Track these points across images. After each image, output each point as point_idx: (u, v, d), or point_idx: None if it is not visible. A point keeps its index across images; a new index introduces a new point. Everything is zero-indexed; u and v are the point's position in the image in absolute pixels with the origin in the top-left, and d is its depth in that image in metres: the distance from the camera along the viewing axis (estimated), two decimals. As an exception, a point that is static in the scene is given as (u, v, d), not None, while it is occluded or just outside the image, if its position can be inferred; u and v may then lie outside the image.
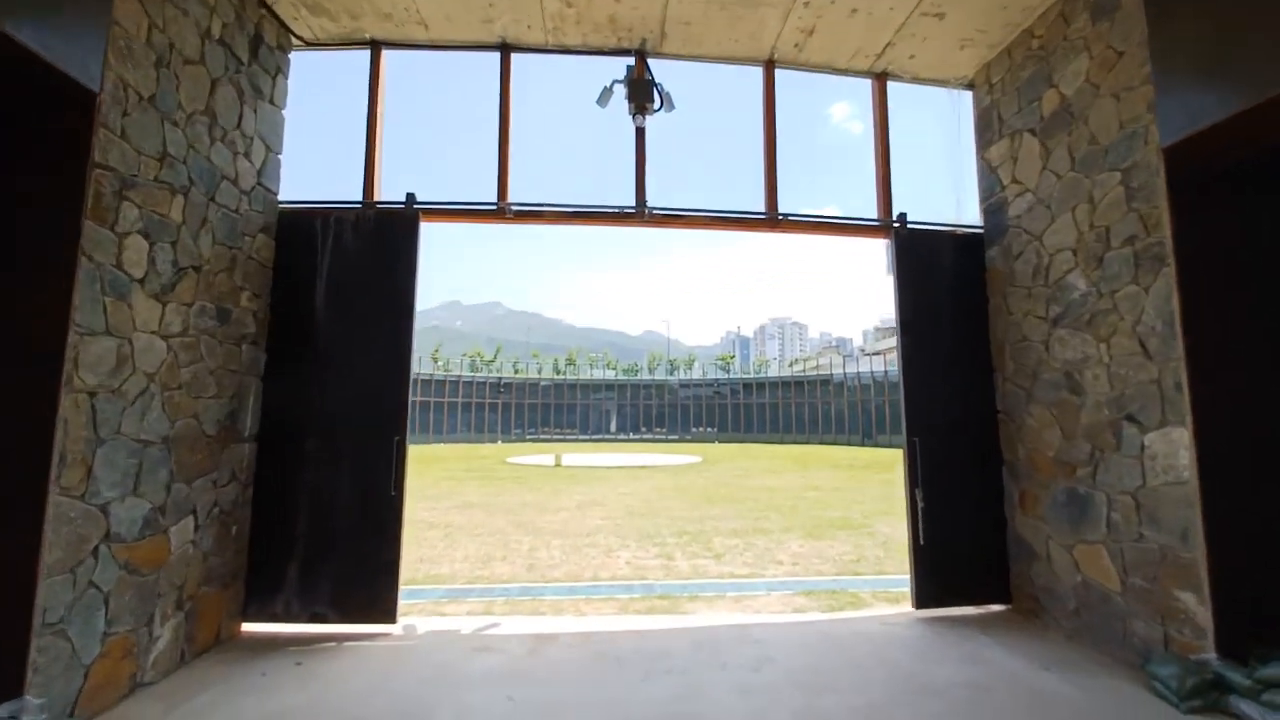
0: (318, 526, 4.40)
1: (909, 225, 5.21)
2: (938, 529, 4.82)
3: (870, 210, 5.27)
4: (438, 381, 44.65)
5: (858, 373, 42.14)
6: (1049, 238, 4.53)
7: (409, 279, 4.71)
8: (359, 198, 4.87)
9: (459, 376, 46.01)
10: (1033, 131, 4.75)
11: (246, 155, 4.34)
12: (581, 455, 28.22)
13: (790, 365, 63.39)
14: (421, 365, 45.42)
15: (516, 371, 52.47)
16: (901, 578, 6.25)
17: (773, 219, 5.11)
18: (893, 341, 51.90)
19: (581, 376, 51.65)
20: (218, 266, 4.03)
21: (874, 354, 48.01)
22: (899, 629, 4.48)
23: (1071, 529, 4.27)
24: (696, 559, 7.20)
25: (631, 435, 48.22)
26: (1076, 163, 4.32)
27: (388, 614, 4.35)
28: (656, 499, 12.72)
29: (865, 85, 5.46)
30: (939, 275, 5.19)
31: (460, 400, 45.17)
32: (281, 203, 4.76)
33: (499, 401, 46.76)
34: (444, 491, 13.85)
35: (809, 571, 6.58)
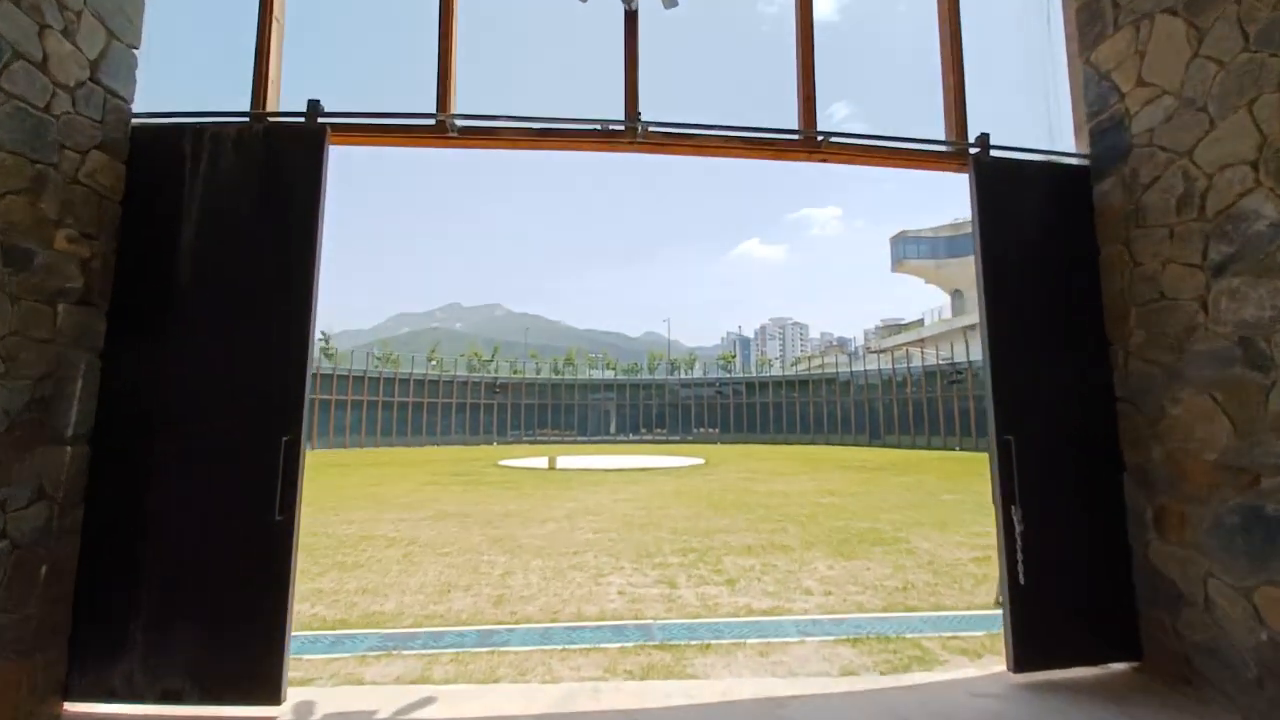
0: (174, 565, 3.09)
1: (992, 150, 3.90)
2: (1042, 562, 3.51)
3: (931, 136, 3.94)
4: (431, 382, 43.34)
5: (864, 370, 40.81)
6: (1206, 151, 3.22)
7: (310, 219, 3.40)
8: (245, 108, 3.56)
9: (454, 377, 44.68)
10: (1171, 11, 3.43)
11: (69, 35, 3.04)
12: (578, 457, 26.90)
13: (793, 364, 62.02)
14: (415, 365, 44.19)
15: (515, 372, 51.16)
16: (966, 615, 4.94)
17: (810, 140, 3.80)
18: (901, 338, 50.54)
19: (580, 377, 50.34)
20: (5, 185, 2.72)
21: (880, 351, 46.69)
22: (998, 704, 3.17)
23: (1250, 564, 2.96)
24: (705, 586, 5.89)
25: (631, 436, 46.89)
26: (1252, 38, 3.01)
27: (270, 691, 3.03)
28: (656, 507, 11.40)
29: (928, -29, 4.13)
30: (1032, 218, 3.87)
31: (455, 401, 43.84)
32: (138, 115, 3.45)
33: (494, 402, 45.40)
34: (421, 499, 12.53)
35: (847, 604, 5.26)
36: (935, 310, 49.11)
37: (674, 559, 7.04)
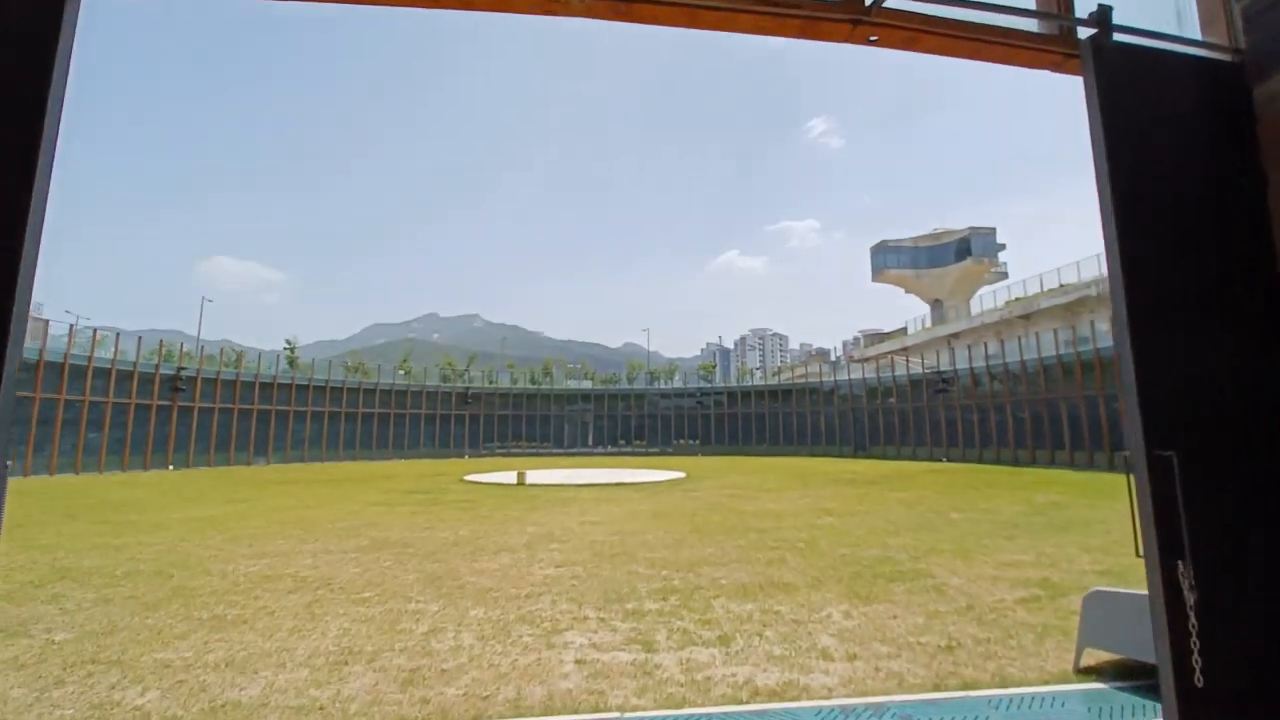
0: None
1: (1115, 33, 2.64)
2: (1228, 648, 2.20)
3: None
4: (399, 392, 41.34)
5: (848, 380, 39.91)
6: None
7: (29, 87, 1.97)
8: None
9: (423, 387, 42.71)
10: None
11: None
12: (550, 472, 25.33)
13: (774, 374, 61.12)
14: (382, 375, 42.17)
15: (490, 383, 49.34)
16: (1048, 692, 3.63)
17: (856, 8, 2.49)
18: (884, 347, 49.83)
19: (557, 387, 48.69)
20: None
21: (864, 360, 45.93)
22: None
23: None
24: (691, 647, 4.50)
25: (609, 448, 45.34)
26: None
27: None
28: (632, 531, 9.99)
29: None
30: (1175, 136, 2.61)
31: (425, 412, 41.89)
32: None
33: (466, 414, 43.50)
34: (359, 524, 10.93)
35: (881, 676, 3.92)
36: (918, 319, 48.66)
37: (651, 604, 5.64)
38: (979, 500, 13.97)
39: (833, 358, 55.66)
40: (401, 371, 45.64)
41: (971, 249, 53.28)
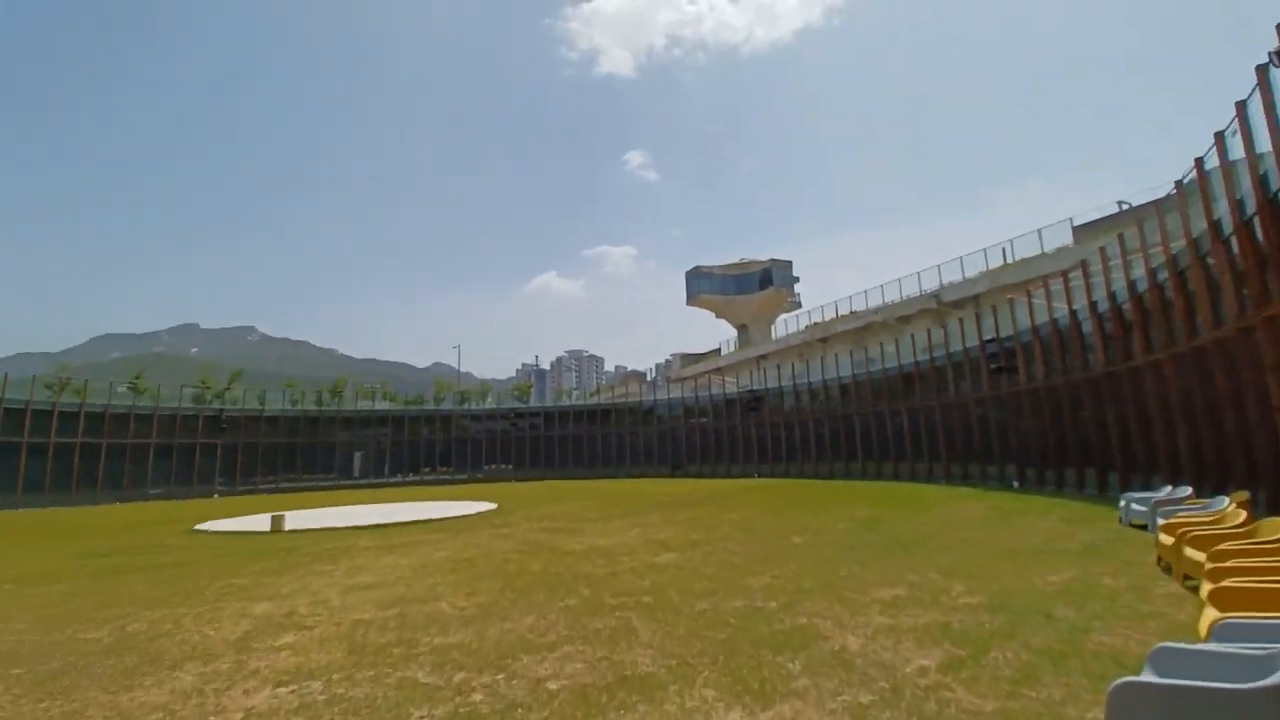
0: None
1: None
2: None
3: None
4: (122, 416, 31.80)
5: (666, 399, 40.05)
6: None
7: None
8: None
9: (154, 409, 33.43)
10: None
11: None
12: (324, 511, 20.59)
13: (592, 395, 60.19)
14: (99, 396, 32.14)
15: (261, 404, 40.70)
16: None
17: None
18: (699, 368, 51.55)
19: (346, 409, 41.88)
20: None
21: (680, 380, 46.87)
22: None
23: None
24: None
25: (410, 477, 39.96)
26: None
27: None
28: (418, 597, 7.26)
29: None
30: None
31: (161, 442, 32.76)
32: None
33: (219, 442, 35.04)
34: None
35: None
36: (728, 341, 51.26)
37: (429, 765, 3.20)
38: (806, 518, 13.49)
39: (650, 378, 56.34)
40: (126, 389, 35.37)
41: (773, 279, 58.18)
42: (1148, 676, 3.13)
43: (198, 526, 16.65)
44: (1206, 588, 4.64)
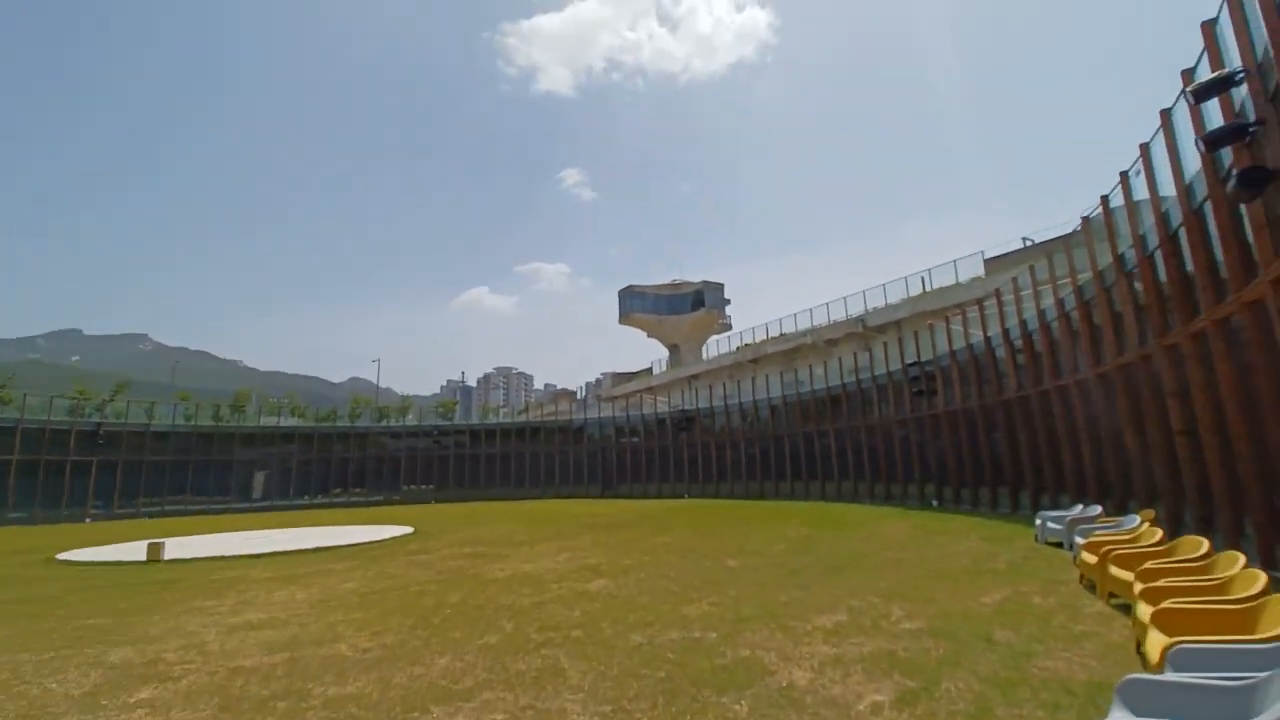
0: None
1: None
2: None
3: None
4: (-28, 430, 27.74)
5: (597, 418, 39.38)
6: None
7: None
8: None
9: (18, 420, 29.45)
10: None
11: None
12: (215, 537, 18.55)
13: (521, 412, 58.59)
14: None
15: (150, 418, 36.66)
16: None
17: None
18: (631, 387, 51.20)
19: (248, 424, 38.53)
20: None
21: (612, 399, 46.33)
22: None
23: None
24: None
25: (319, 498, 37.12)
26: None
27: None
28: (315, 637, 6.35)
29: None
30: None
31: (22, 458, 28.82)
32: None
33: (95, 459, 31.25)
34: None
35: None
36: (660, 361, 51.36)
37: None
38: (740, 540, 13.27)
39: (580, 396, 55.52)
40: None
41: (705, 300, 59.10)
42: (1120, 714, 2.92)
43: (60, 556, 14.47)
44: (1145, 609, 4.61)
